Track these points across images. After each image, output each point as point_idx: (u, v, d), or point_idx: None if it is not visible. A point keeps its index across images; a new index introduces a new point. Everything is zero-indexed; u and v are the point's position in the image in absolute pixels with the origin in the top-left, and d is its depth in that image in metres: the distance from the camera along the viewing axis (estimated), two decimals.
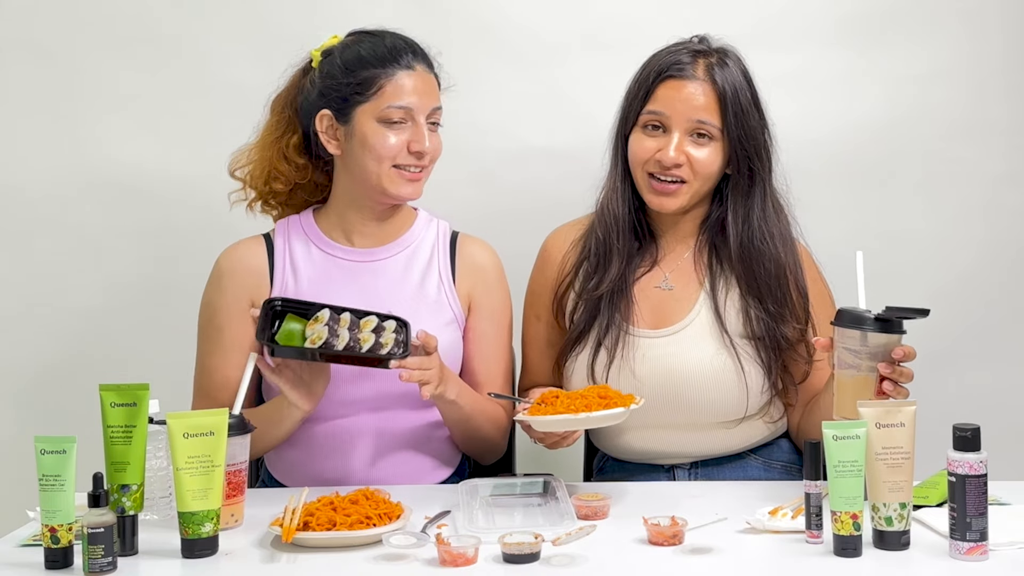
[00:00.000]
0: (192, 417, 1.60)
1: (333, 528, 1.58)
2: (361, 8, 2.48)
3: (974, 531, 1.49)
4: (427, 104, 1.99)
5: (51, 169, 2.59)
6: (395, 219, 2.09)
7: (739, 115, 1.98)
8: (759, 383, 2.00)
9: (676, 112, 1.98)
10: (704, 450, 2.04)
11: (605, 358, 2.01)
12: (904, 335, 1.69)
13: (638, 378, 1.99)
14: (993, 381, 2.62)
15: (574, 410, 1.74)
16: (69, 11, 2.57)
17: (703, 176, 2.00)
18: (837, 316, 1.71)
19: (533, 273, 2.19)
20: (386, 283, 2.04)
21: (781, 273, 2.01)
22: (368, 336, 1.85)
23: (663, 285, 2.07)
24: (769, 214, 2.03)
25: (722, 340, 2.00)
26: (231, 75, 2.57)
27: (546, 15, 2.60)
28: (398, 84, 1.98)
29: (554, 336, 2.13)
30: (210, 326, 2.04)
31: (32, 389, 2.60)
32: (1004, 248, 2.64)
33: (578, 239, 2.12)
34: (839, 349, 1.70)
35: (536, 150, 2.60)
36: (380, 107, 1.97)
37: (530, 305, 2.18)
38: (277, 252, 2.06)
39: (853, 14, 2.60)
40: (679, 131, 1.98)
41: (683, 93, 1.98)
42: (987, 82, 2.61)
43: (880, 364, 1.67)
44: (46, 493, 1.52)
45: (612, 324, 2.02)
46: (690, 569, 1.50)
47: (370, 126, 1.98)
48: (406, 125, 1.98)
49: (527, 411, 1.80)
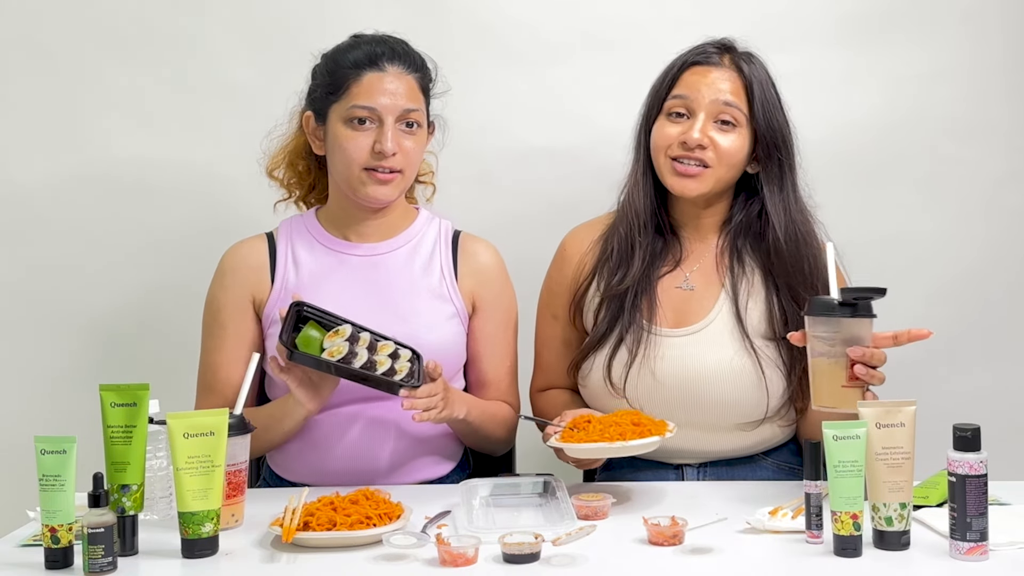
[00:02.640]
0: (192, 417, 1.60)
1: (333, 528, 1.58)
2: (363, 8, 2.49)
3: (974, 531, 1.49)
4: (397, 105, 1.98)
5: (51, 169, 2.59)
6: (394, 215, 2.10)
7: (766, 106, 1.98)
8: (779, 386, 2.00)
9: (701, 95, 1.99)
10: (717, 450, 2.04)
11: (625, 357, 2.00)
12: (875, 318, 1.68)
13: (657, 378, 1.98)
14: (993, 381, 2.62)
15: (608, 437, 1.75)
16: (69, 11, 2.57)
17: (727, 163, 1.99)
18: (808, 306, 1.70)
19: (550, 272, 2.18)
20: (388, 276, 2.05)
21: (812, 265, 2.00)
22: (384, 360, 1.87)
23: (684, 285, 2.06)
24: (803, 207, 2.04)
25: (742, 342, 1.99)
26: (231, 75, 2.57)
27: (546, 15, 2.60)
28: (364, 85, 1.98)
29: (571, 336, 2.13)
30: (214, 323, 2.06)
31: (32, 389, 2.60)
32: (1005, 248, 2.64)
33: (597, 239, 2.11)
34: (812, 339, 1.69)
35: (536, 150, 2.60)
36: (347, 107, 1.99)
37: (546, 304, 2.17)
38: (279, 249, 2.08)
39: (853, 14, 2.60)
40: (704, 114, 1.98)
41: (708, 78, 1.99)
42: (987, 82, 2.61)
43: (850, 349, 1.66)
44: (46, 493, 1.52)
45: (634, 323, 2.01)
46: (690, 569, 1.50)
47: (340, 127, 2.00)
48: (373, 127, 1.98)
49: (559, 437, 1.80)
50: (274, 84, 2.27)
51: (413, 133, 2.01)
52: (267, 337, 2.04)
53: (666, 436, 1.78)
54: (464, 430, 2.03)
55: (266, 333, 2.04)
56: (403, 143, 1.99)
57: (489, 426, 2.05)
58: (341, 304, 1.97)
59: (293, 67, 2.14)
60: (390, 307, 2.00)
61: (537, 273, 2.23)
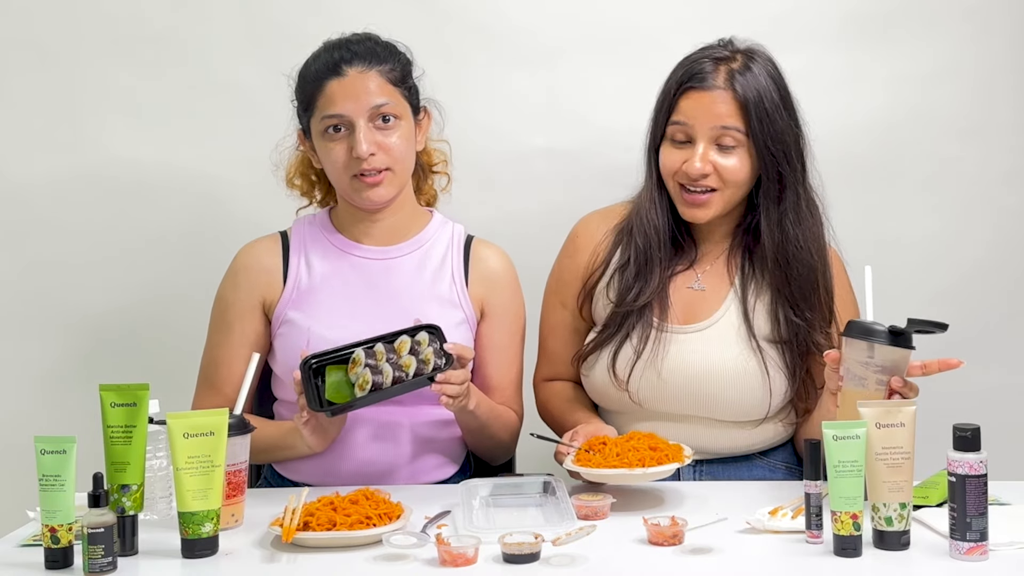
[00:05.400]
0: (192, 417, 1.60)
1: (333, 528, 1.57)
2: (360, 9, 2.48)
3: (974, 531, 1.49)
4: (363, 105, 1.97)
5: (51, 168, 2.59)
6: (403, 215, 2.09)
7: (764, 120, 1.95)
8: (783, 388, 2.00)
9: (699, 122, 1.96)
10: (716, 448, 2.04)
11: (630, 352, 2.00)
12: (913, 351, 1.67)
13: (662, 374, 1.98)
14: (993, 381, 2.62)
15: (626, 461, 1.75)
16: (70, 11, 2.57)
17: (733, 184, 1.98)
18: (847, 328, 1.68)
19: (561, 259, 2.17)
20: (399, 280, 2.05)
21: (813, 278, 1.99)
22: (409, 360, 1.85)
23: (695, 286, 2.06)
24: (803, 217, 2.00)
25: (748, 343, 1.99)
26: (231, 75, 2.57)
27: (546, 16, 2.59)
28: (327, 94, 1.98)
29: (579, 325, 2.12)
30: (222, 320, 2.06)
31: (32, 389, 2.60)
32: (1007, 248, 2.63)
33: (612, 229, 2.10)
34: (848, 361, 1.68)
35: (536, 151, 2.60)
36: (319, 120, 2.00)
37: (554, 292, 2.16)
38: (292, 250, 2.08)
39: (856, 14, 2.59)
40: (703, 141, 1.96)
41: (704, 103, 1.96)
42: (991, 82, 2.61)
43: (893, 379, 1.65)
44: (46, 493, 1.52)
45: (642, 320, 2.01)
46: (690, 569, 1.50)
47: (319, 141, 2.01)
48: (347, 132, 1.98)
49: (575, 459, 1.80)
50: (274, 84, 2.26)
51: (391, 127, 1.99)
52: (277, 337, 2.04)
53: (684, 463, 1.78)
54: (471, 425, 2.03)
55: (275, 333, 2.04)
56: (383, 140, 1.98)
57: (495, 426, 2.05)
58: (352, 306, 1.98)
59: (293, 67, 2.13)
60: (400, 311, 1.99)
61: (536, 273, 2.23)
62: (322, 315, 1.99)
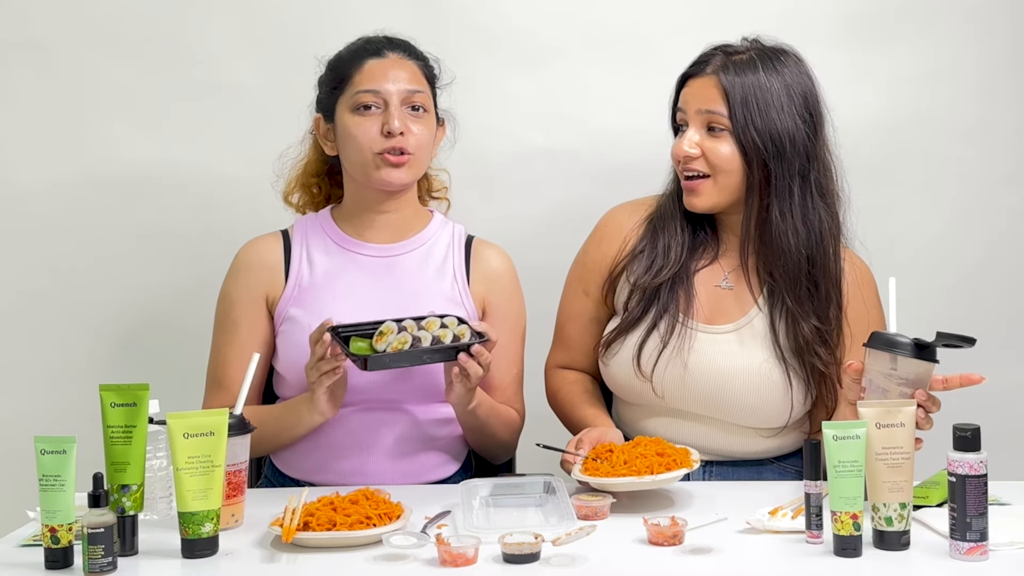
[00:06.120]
0: (192, 417, 1.60)
1: (333, 528, 1.57)
2: (362, 9, 2.49)
3: (974, 531, 1.49)
4: (401, 87, 2.01)
5: (52, 169, 2.59)
6: (408, 213, 2.10)
7: (751, 112, 1.94)
8: (803, 397, 1.99)
9: (688, 107, 1.99)
10: (731, 451, 2.03)
11: (656, 345, 2.00)
12: (937, 364, 1.66)
13: (688, 370, 1.98)
14: (993, 381, 2.61)
15: (634, 469, 1.75)
16: (69, 11, 2.57)
17: (723, 169, 1.97)
18: (870, 338, 1.67)
19: (587, 247, 2.16)
20: (401, 278, 2.06)
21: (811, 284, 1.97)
22: (443, 332, 1.89)
23: (723, 284, 2.05)
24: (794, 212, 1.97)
25: (773, 350, 1.98)
26: (233, 76, 2.57)
27: (547, 17, 2.59)
28: (366, 71, 2.02)
29: (601, 314, 2.12)
30: (226, 319, 2.07)
31: (32, 389, 2.60)
32: (1007, 248, 2.63)
33: (643, 220, 2.10)
34: (871, 372, 1.67)
35: (536, 151, 2.60)
36: (352, 95, 2.01)
37: (578, 279, 2.16)
38: (294, 247, 2.08)
39: (857, 14, 2.59)
40: (694, 125, 1.98)
41: (694, 88, 2.00)
42: (994, 82, 2.61)
43: (917, 392, 1.64)
44: (46, 493, 1.52)
45: (668, 312, 2.01)
46: (690, 569, 1.50)
47: (348, 117, 2.02)
48: (380, 111, 2.00)
49: (583, 468, 1.80)
50: (275, 86, 2.27)
51: (420, 117, 2.02)
52: (279, 334, 2.04)
53: (693, 468, 1.78)
54: (472, 424, 2.03)
55: (277, 330, 2.04)
56: (411, 126, 2.00)
57: (495, 425, 2.05)
58: (354, 303, 1.99)
59: (294, 69, 2.14)
60: (402, 308, 1.99)
61: (535, 273, 2.23)
62: (324, 312, 1.99)
